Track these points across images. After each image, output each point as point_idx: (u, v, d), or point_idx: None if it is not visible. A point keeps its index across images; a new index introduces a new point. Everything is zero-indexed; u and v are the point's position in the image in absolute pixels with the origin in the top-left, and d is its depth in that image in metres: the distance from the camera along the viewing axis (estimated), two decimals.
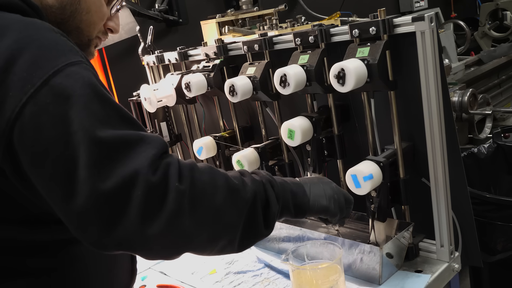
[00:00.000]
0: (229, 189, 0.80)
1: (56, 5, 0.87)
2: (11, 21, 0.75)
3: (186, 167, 0.76)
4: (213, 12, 2.47)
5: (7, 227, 0.77)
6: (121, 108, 0.75)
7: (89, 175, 0.67)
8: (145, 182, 0.69)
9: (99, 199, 0.68)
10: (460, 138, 2.48)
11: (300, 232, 1.34)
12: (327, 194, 1.01)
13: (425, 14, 1.10)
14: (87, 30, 0.92)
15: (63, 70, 0.70)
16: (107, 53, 2.21)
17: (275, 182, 0.90)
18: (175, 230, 0.72)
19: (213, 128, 1.80)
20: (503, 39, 3.94)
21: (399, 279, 1.20)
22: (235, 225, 0.80)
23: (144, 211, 0.69)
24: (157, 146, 0.74)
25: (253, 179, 0.87)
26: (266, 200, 0.86)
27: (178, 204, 0.72)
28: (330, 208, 1.00)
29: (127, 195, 0.69)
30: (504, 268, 1.92)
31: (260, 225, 0.84)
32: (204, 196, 0.76)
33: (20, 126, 0.68)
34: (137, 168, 0.69)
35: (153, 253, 0.76)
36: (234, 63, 1.60)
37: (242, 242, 0.83)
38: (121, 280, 0.97)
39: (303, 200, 0.96)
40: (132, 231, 0.69)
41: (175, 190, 0.72)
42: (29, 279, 0.81)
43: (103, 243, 0.70)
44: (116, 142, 0.70)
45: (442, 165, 1.18)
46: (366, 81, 1.15)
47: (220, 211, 0.78)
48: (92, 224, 0.69)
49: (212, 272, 1.40)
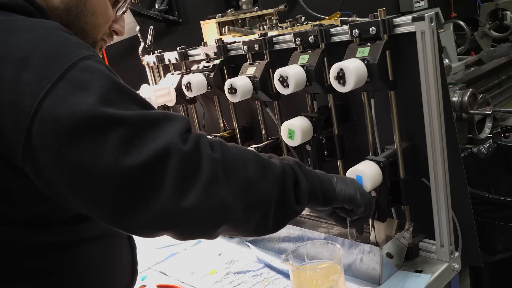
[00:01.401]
0: (258, 163, 0.82)
1: (62, 7, 0.87)
2: (19, 22, 0.76)
3: (215, 140, 0.79)
4: (213, 12, 2.47)
5: (8, 228, 0.77)
6: (138, 95, 0.76)
7: (119, 154, 0.67)
8: (178, 152, 0.70)
9: (132, 176, 0.68)
10: (460, 138, 2.48)
11: (300, 232, 1.34)
12: (353, 185, 1.03)
13: (425, 14, 1.10)
14: (92, 33, 0.93)
15: (78, 64, 0.71)
16: (107, 53, 2.21)
17: (303, 165, 0.93)
18: (212, 199, 0.73)
19: (213, 128, 1.80)
20: (503, 39, 3.94)
21: (399, 279, 1.20)
22: (268, 197, 0.82)
23: (181, 181, 0.70)
24: (182, 122, 0.75)
25: (282, 160, 0.89)
26: (295, 179, 0.88)
27: (213, 171, 0.73)
28: (356, 197, 1.01)
29: (162, 168, 0.69)
30: (504, 268, 1.92)
31: (291, 200, 0.86)
32: (236, 166, 0.78)
33: (40, 120, 0.68)
34: (168, 140, 0.71)
35: (191, 228, 0.75)
36: (234, 63, 1.60)
37: (277, 217, 0.84)
38: (122, 282, 0.97)
39: (330, 187, 0.98)
40: (170, 204, 0.69)
41: (209, 157, 0.73)
42: (30, 281, 0.80)
43: (140, 223, 0.70)
44: (142, 121, 0.71)
45: (442, 165, 1.18)
46: (366, 81, 1.15)
47: (253, 181, 0.80)
48: (128, 203, 0.69)
49: (212, 272, 1.40)
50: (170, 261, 1.52)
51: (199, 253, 1.54)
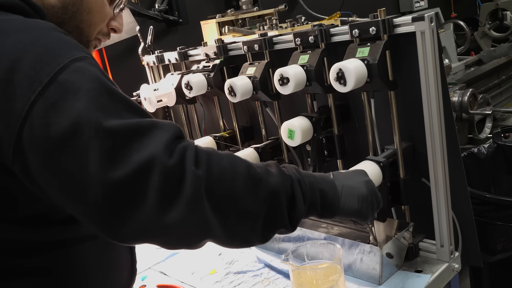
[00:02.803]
0: (249, 177, 0.78)
1: (58, 5, 0.87)
2: (14, 22, 0.75)
3: (203, 151, 0.75)
4: (213, 12, 2.47)
5: (7, 227, 0.77)
6: (130, 99, 0.75)
7: (103, 166, 0.67)
8: (161, 166, 0.69)
9: (114, 188, 0.67)
10: (460, 138, 2.48)
11: (300, 232, 1.34)
12: (360, 195, 0.95)
13: (425, 14, 1.10)
14: (87, 31, 0.92)
15: (69, 66, 0.70)
16: (107, 53, 2.22)
17: (304, 181, 0.87)
18: (194, 216, 0.71)
19: (213, 128, 1.80)
20: (503, 39, 3.94)
21: (399, 279, 1.20)
22: (255, 214, 0.79)
23: (163, 196, 0.69)
24: (170, 131, 0.73)
25: (281, 171, 0.84)
26: (292, 198, 0.84)
27: (196, 188, 0.71)
28: (361, 212, 0.95)
29: (144, 181, 0.68)
30: (504, 268, 1.92)
31: (284, 218, 0.82)
32: (222, 182, 0.75)
33: (30, 125, 0.68)
34: (152, 153, 0.69)
35: (172, 241, 0.75)
36: (234, 63, 1.60)
37: (265, 231, 0.81)
38: (121, 281, 0.97)
39: (333, 202, 0.92)
40: (151, 218, 0.69)
41: (192, 173, 0.71)
42: (28, 279, 0.80)
43: (122, 233, 0.70)
44: (128, 130, 0.70)
45: (442, 165, 1.18)
46: (366, 81, 1.15)
47: (238, 197, 0.77)
48: (110, 214, 0.68)
49: (212, 272, 1.40)
50: (170, 261, 1.52)
51: (199, 253, 1.54)
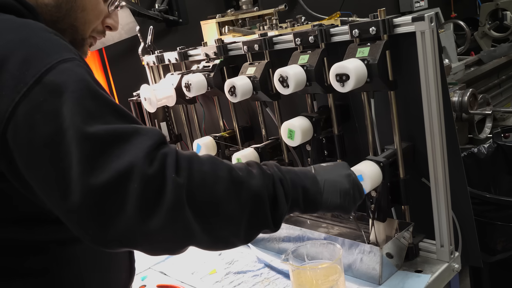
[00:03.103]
0: (231, 181, 0.78)
1: (52, 3, 0.87)
2: (4, 22, 0.75)
3: (184, 157, 0.75)
4: (213, 12, 2.47)
5: (3, 226, 0.77)
6: (115, 103, 0.74)
7: (83, 171, 0.66)
8: (141, 174, 0.68)
9: (94, 195, 0.67)
10: (460, 138, 2.48)
11: (300, 232, 1.34)
12: (342, 190, 0.94)
13: (425, 14, 1.10)
14: (81, 29, 0.92)
15: (56, 67, 0.70)
16: (107, 53, 2.21)
17: (286, 179, 0.87)
18: (175, 223, 0.71)
19: (213, 128, 1.80)
20: (503, 39, 3.94)
21: (399, 279, 1.20)
22: (237, 217, 0.78)
23: (142, 204, 0.68)
24: (153, 137, 0.72)
25: (263, 172, 0.84)
26: (274, 197, 0.84)
27: (176, 196, 0.70)
28: (343, 206, 0.95)
29: (124, 189, 0.67)
30: (504, 268, 1.92)
31: (267, 219, 0.82)
32: (204, 187, 0.75)
33: (14, 126, 0.68)
34: (132, 160, 0.68)
35: (155, 248, 0.75)
36: (234, 63, 1.60)
37: (248, 234, 0.81)
38: (119, 281, 0.97)
39: (315, 197, 0.91)
40: (132, 226, 0.68)
41: (173, 181, 0.70)
42: (26, 279, 0.80)
43: (103, 240, 0.70)
44: (110, 136, 0.69)
45: (442, 165, 1.18)
46: (366, 81, 1.15)
47: (220, 202, 0.76)
48: (90, 220, 0.68)
49: (212, 272, 1.40)
50: (170, 261, 1.52)
51: (199, 253, 1.53)
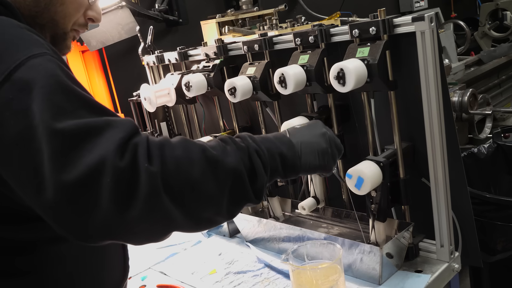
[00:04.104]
0: (206, 162, 0.76)
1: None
2: None
3: (156, 145, 0.73)
4: (213, 12, 2.47)
5: None
6: (87, 97, 0.73)
7: (54, 168, 0.66)
8: (112, 168, 0.67)
9: (66, 191, 0.66)
10: (460, 138, 2.48)
11: (300, 232, 1.34)
12: (320, 150, 0.94)
13: (425, 14, 1.10)
14: (62, 22, 0.91)
15: (25, 63, 0.70)
16: (107, 53, 2.22)
17: (261, 150, 0.85)
18: (154, 212, 0.70)
19: (213, 128, 1.80)
20: (503, 39, 3.94)
21: (399, 279, 1.20)
22: (217, 198, 0.77)
23: (118, 198, 0.67)
24: (125, 129, 0.71)
25: (237, 146, 0.82)
26: (252, 170, 0.82)
27: (152, 185, 0.69)
28: (322, 166, 0.95)
29: (96, 184, 0.66)
30: (504, 268, 1.92)
31: (248, 193, 0.81)
32: (178, 173, 0.73)
33: None
34: (103, 154, 0.67)
35: (137, 237, 0.74)
36: (234, 63, 1.60)
37: (230, 210, 0.80)
38: (113, 278, 0.96)
39: (294, 163, 0.90)
40: (110, 220, 0.67)
41: (146, 171, 0.69)
42: (15, 279, 0.80)
43: (83, 235, 0.69)
44: (80, 131, 0.68)
45: (442, 165, 1.18)
46: (366, 81, 1.15)
47: (198, 185, 0.74)
48: (66, 217, 0.67)
49: (212, 272, 1.40)
50: (170, 261, 1.52)
51: (199, 253, 1.54)
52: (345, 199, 1.42)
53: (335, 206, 1.45)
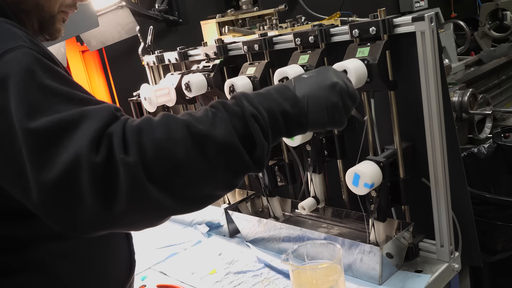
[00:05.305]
0: (192, 139, 0.70)
1: None
2: None
3: (133, 131, 0.68)
4: (213, 12, 2.47)
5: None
6: (64, 89, 0.70)
7: (34, 169, 0.65)
8: (88, 164, 0.64)
9: (48, 191, 0.65)
10: (460, 138, 2.48)
11: (300, 232, 1.34)
12: (329, 105, 0.84)
13: (425, 14, 1.10)
14: (48, 6, 0.89)
15: (0, 59, 0.69)
16: (107, 53, 2.22)
17: (260, 112, 0.77)
18: (141, 203, 0.67)
19: None
20: (503, 39, 3.94)
21: (399, 279, 1.20)
22: (211, 174, 0.72)
23: (100, 193, 0.65)
24: (100, 119, 0.68)
25: (229, 111, 0.75)
26: (249, 137, 0.75)
27: (132, 177, 0.65)
28: (334, 122, 0.86)
29: (76, 181, 0.64)
30: (504, 268, 1.92)
31: (246, 163, 0.74)
32: (161, 157, 0.68)
33: None
34: (77, 150, 0.65)
35: (132, 226, 0.73)
36: (234, 63, 1.60)
37: (230, 182, 0.75)
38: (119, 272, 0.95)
39: (299, 121, 0.82)
40: (98, 214, 0.66)
41: (122, 163, 0.65)
42: (22, 275, 0.80)
43: (75, 230, 0.68)
44: (56, 127, 0.66)
45: (442, 165, 1.18)
46: (366, 81, 1.15)
47: (185, 167, 0.69)
48: (54, 214, 0.67)
49: (212, 272, 1.40)
50: (170, 261, 1.52)
51: (199, 253, 1.54)
52: (345, 199, 1.42)
53: (335, 206, 1.45)
